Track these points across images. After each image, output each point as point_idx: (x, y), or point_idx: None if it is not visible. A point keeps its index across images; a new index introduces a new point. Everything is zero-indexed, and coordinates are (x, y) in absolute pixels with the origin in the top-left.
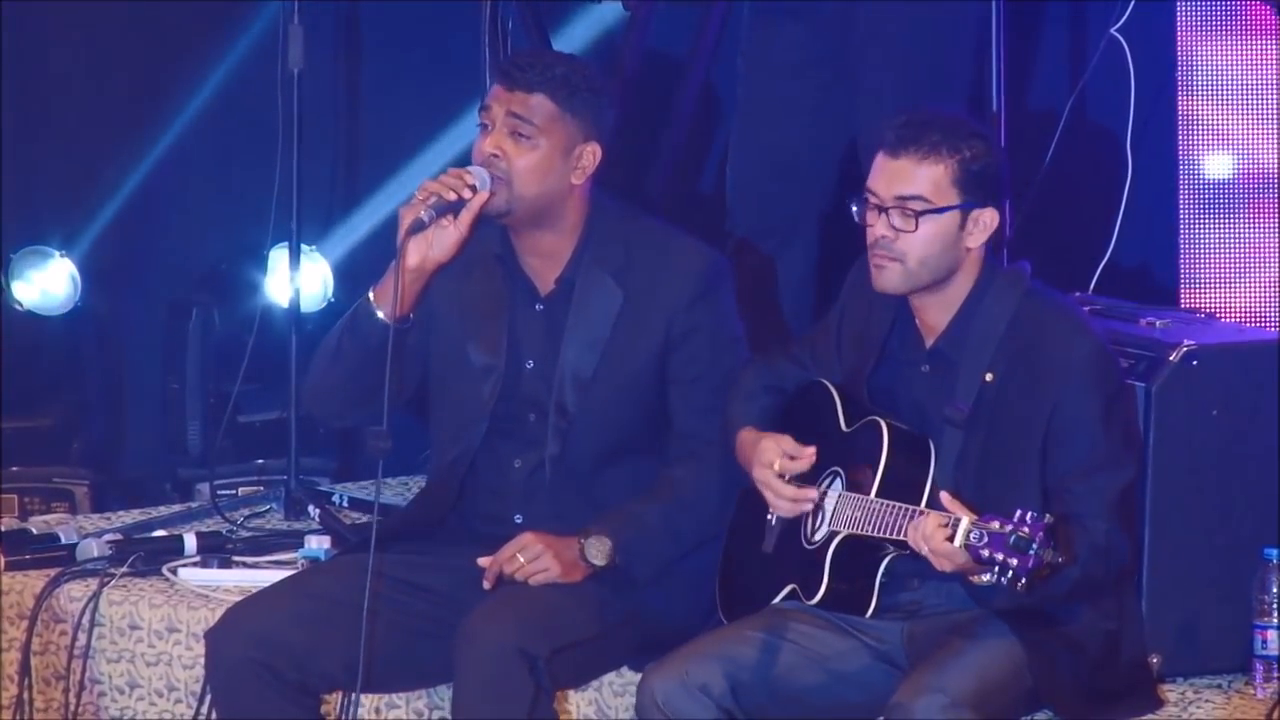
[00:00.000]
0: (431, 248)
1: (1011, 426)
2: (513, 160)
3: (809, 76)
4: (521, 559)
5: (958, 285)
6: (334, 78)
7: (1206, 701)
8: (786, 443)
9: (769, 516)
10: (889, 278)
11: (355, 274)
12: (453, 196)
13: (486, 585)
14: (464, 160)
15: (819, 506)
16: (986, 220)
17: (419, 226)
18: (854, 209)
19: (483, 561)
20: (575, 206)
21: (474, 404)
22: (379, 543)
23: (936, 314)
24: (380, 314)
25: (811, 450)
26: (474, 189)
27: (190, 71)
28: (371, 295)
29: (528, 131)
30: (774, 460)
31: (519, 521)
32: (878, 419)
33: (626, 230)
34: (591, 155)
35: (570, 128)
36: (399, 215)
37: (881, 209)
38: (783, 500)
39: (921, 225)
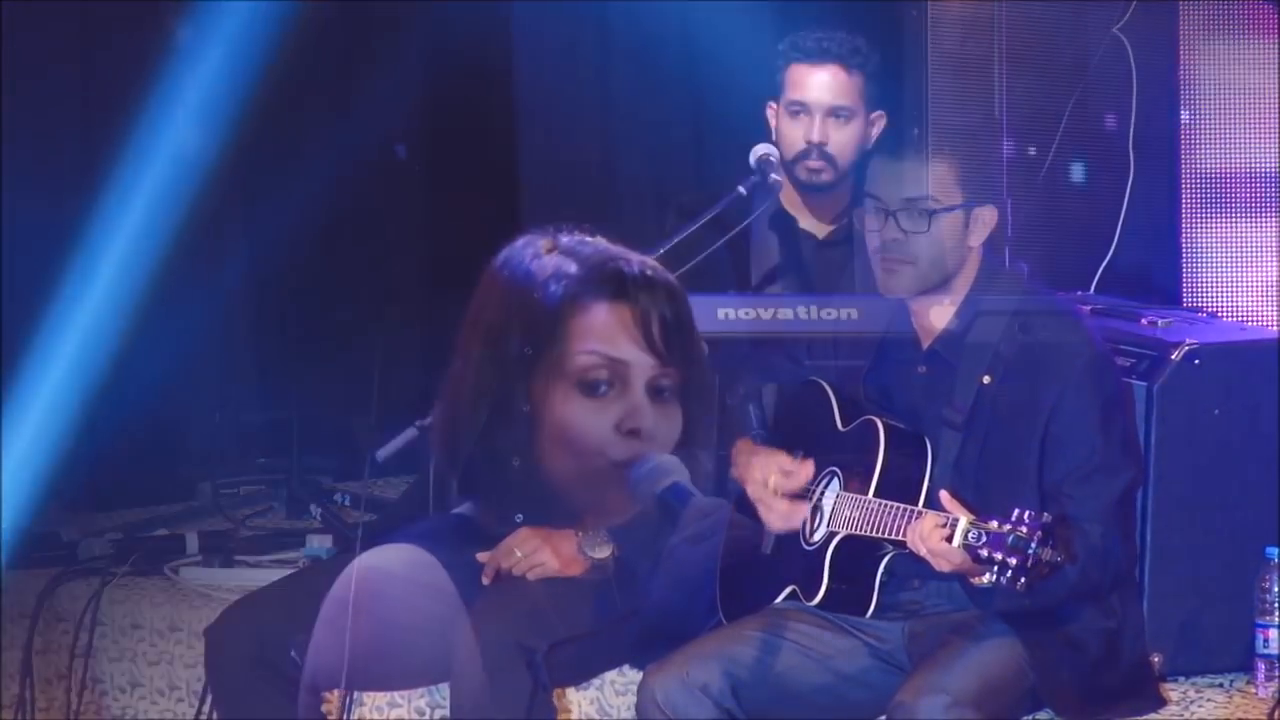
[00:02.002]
0: None
1: (1009, 429)
2: None
3: None
4: (519, 554)
5: (956, 287)
6: None
7: (1208, 700)
8: (781, 459)
9: None
10: (902, 281)
11: None
12: None
13: (485, 581)
14: None
15: (817, 507)
16: (986, 217)
17: None
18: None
19: (481, 557)
20: None
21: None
22: (378, 539)
23: (934, 316)
24: None
25: (809, 463)
26: None
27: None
28: None
29: None
30: (768, 478)
31: (519, 521)
32: (874, 418)
33: None
34: None
35: None
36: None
37: (887, 213)
38: (775, 517)
39: (933, 224)
